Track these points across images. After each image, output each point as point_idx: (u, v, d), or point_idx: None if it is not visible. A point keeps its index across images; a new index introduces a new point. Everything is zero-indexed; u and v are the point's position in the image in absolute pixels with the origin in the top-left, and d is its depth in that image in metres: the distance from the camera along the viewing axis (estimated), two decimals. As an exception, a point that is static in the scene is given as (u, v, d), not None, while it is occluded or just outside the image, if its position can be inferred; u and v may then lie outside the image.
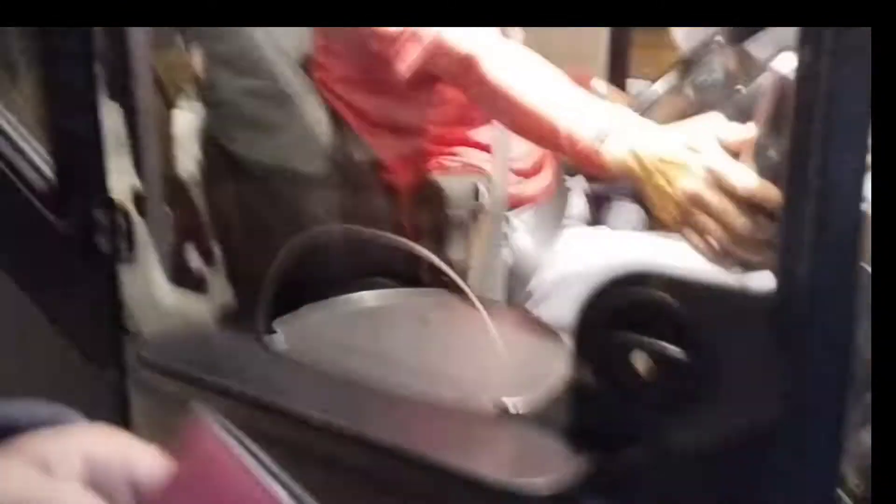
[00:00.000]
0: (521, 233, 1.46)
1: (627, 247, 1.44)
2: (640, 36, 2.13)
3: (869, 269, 0.83)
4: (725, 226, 1.04)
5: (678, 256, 1.26)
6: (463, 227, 1.42)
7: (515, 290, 1.43)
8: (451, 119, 1.47)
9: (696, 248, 1.10)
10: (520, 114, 1.24)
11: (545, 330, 1.28)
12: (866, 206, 0.83)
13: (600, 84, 1.74)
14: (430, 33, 1.28)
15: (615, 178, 1.23)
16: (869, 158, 0.82)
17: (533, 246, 1.46)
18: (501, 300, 1.42)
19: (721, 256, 1.07)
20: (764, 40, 1.62)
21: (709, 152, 1.07)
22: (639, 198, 1.40)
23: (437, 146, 1.47)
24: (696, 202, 1.06)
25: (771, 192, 0.99)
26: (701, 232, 1.07)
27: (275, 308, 1.28)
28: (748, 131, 1.06)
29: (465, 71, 1.27)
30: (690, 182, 1.06)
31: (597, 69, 2.07)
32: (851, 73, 0.80)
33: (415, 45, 1.29)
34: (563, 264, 1.42)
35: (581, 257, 1.42)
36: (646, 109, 1.64)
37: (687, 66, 1.76)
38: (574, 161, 1.41)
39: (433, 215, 1.43)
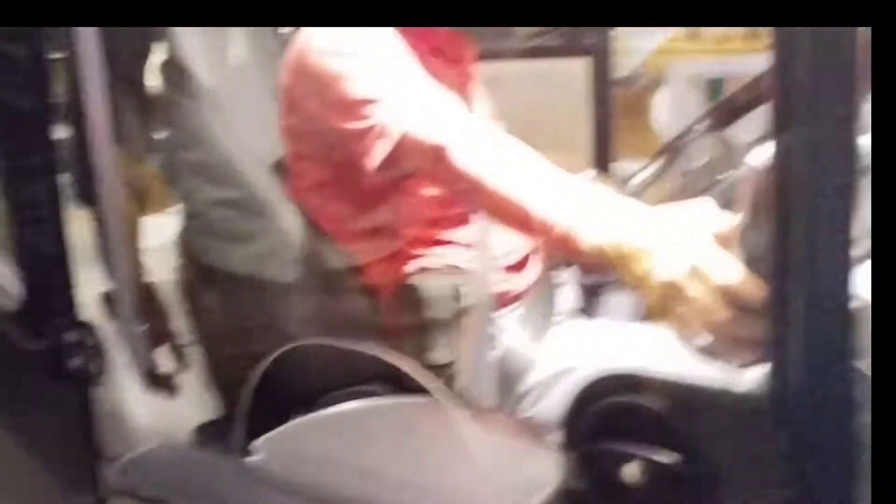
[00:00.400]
0: (510, 331, 1.42)
1: (620, 340, 1.40)
2: (623, 121, 2.13)
3: (864, 370, 0.79)
4: (707, 320, 0.99)
5: (672, 349, 1.22)
6: (447, 329, 1.38)
7: (507, 391, 1.38)
8: (428, 219, 1.44)
9: (681, 340, 1.05)
10: (493, 202, 1.20)
11: (538, 434, 1.22)
12: (857, 303, 0.80)
13: (586, 172, 1.72)
14: (398, 128, 1.26)
15: (596, 266, 1.19)
16: (856, 252, 0.79)
17: (523, 344, 1.41)
18: (492, 404, 1.37)
19: (708, 351, 1.02)
20: (745, 125, 1.60)
21: (693, 241, 1.04)
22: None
23: (416, 248, 1.44)
24: (676, 293, 1.01)
25: (755, 288, 0.95)
26: (683, 324, 1.02)
27: (255, 423, 1.23)
28: (736, 219, 1.03)
29: (435, 162, 1.24)
30: (669, 272, 1.02)
31: (581, 156, 2.06)
32: (830, 163, 0.78)
33: (383, 140, 1.27)
34: (555, 362, 1.37)
35: (573, 353, 1.37)
36: (632, 196, 1.61)
37: (671, 152, 1.75)
38: (552, 248, 1.38)
39: (415, 319, 1.39)
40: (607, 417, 0.92)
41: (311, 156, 1.44)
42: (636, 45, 2.62)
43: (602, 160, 2.09)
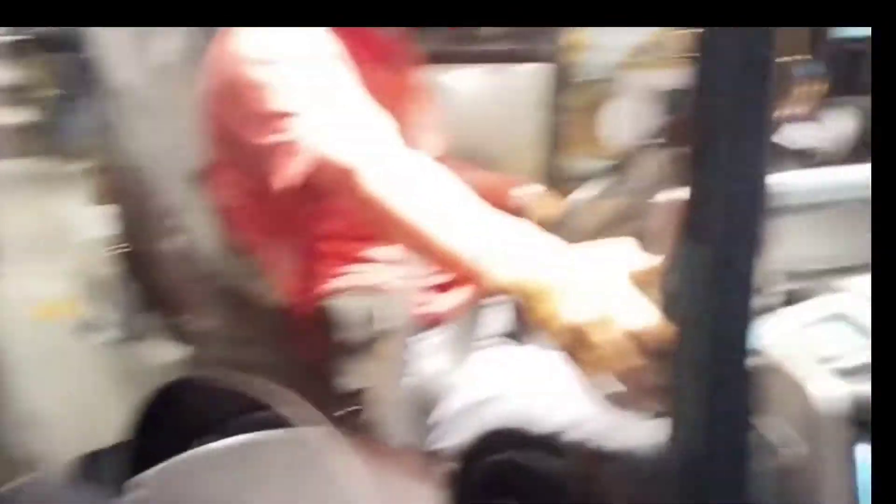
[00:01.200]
0: (427, 357, 1.34)
1: (543, 372, 1.30)
2: (575, 132, 2.07)
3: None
4: (614, 366, 0.91)
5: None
6: (360, 353, 1.30)
7: (420, 422, 1.29)
8: (347, 234, 1.35)
9: (589, 385, 0.97)
10: (400, 230, 1.14)
11: (428, 474, 1.13)
12: (758, 359, 0.72)
13: (534, 188, 1.62)
14: (309, 146, 1.18)
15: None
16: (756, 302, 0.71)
17: (442, 371, 1.32)
18: (403, 435, 1.27)
19: (616, 399, 0.94)
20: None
21: (608, 283, 0.98)
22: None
23: (332, 265, 1.36)
24: (581, 338, 0.94)
25: (666, 334, 0.86)
26: (589, 369, 0.95)
27: (139, 457, 1.14)
28: (656, 261, 0.95)
29: (345, 185, 1.17)
30: (575, 315, 0.96)
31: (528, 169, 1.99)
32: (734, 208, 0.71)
33: (295, 158, 1.19)
34: (470, 392, 1.28)
35: (492, 383, 1.28)
36: (579, 213, 1.54)
37: (622, 168, 1.68)
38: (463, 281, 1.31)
39: (327, 341, 1.30)
40: (494, 475, 0.83)
41: (228, 166, 1.35)
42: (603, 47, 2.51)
43: (553, 171, 2.03)
